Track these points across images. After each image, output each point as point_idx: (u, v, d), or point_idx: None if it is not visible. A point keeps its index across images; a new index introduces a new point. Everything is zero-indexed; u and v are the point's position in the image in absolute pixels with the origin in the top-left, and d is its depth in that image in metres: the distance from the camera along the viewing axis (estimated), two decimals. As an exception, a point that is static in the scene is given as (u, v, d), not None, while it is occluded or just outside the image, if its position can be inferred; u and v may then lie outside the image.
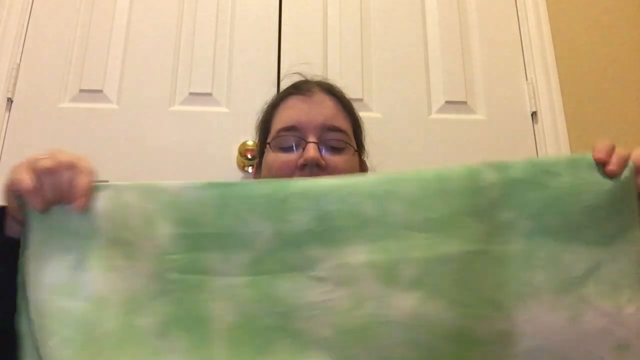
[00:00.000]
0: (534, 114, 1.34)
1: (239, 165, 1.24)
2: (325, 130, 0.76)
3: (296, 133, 0.76)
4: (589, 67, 1.38)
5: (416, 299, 0.48)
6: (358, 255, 0.49)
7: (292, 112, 0.80)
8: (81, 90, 1.30)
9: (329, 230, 0.50)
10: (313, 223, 0.50)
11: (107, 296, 0.47)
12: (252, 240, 0.50)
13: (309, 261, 0.49)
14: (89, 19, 1.36)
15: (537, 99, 1.34)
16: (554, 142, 1.30)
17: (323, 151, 0.75)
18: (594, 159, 0.54)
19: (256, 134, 0.89)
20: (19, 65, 1.31)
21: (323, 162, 0.73)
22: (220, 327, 0.48)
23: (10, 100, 1.28)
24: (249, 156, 1.20)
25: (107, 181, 1.31)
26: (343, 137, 0.77)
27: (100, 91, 1.30)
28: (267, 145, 0.81)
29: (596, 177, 0.53)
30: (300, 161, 0.73)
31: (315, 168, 0.72)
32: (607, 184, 0.53)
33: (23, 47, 1.32)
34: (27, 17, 1.35)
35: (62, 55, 1.32)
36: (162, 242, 0.49)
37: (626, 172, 0.53)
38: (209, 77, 1.33)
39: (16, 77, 1.29)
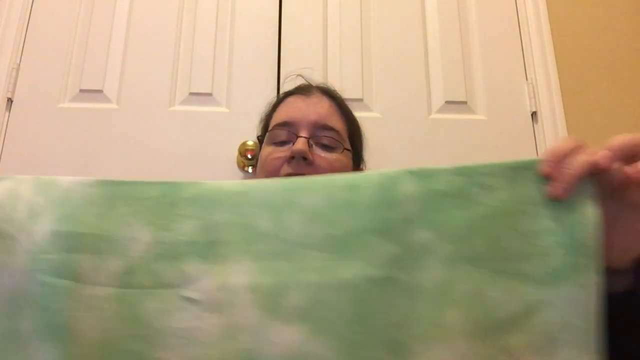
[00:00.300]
0: (534, 114, 1.34)
1: (239, 165, 1.24)
2: (319, 128, 0.77)
3: (289, 128, 0.77)
4: (589, 67, 1.38)
5: (299, 334, 0.41)
6: (241, 275, 0.42)
7: (288, 109, 0.81)
8: (81, 90, 1.30)
9: (214, 243, 0.44)
10: (198, 234, 0.44)
11: None
12: (128, 246, 0.44)
13: (184, 278, 0.43)
14: (89, 19, 1.36)
15: (537, 99, 1.34)
16: (554, 142, 1.30)
17: (313, 147, 0.75)
18: (541, 172, 0.42)
19: (257, 134, 0.90)
20: (19, 65, 1.31)
21: (310, 156, 0.73)
22: (85, 343, 0.43)
23: (10, 100, 1.28)
24: (249, 156, 1.20)
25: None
26: (335, 136, 0.78)
27: (100, 91, 1.30)
28: (262, 140, 0.82)
29: (541, 195, 0.42)
30: (288, 153, 0.74)
31: (302, 161, 0.73)
32: (555, 207, 0.42)
33: (23, 47, 1.33)
34: (27, 17, 1.35)
35: (62, 55, 1.32)
36: (40, 239, 0.45)
37: (582, 196, 0.41)
38: (209, 77, 1.33)
39: (16, 77, 1.30)
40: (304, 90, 0.84)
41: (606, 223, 0.41)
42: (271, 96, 0.91)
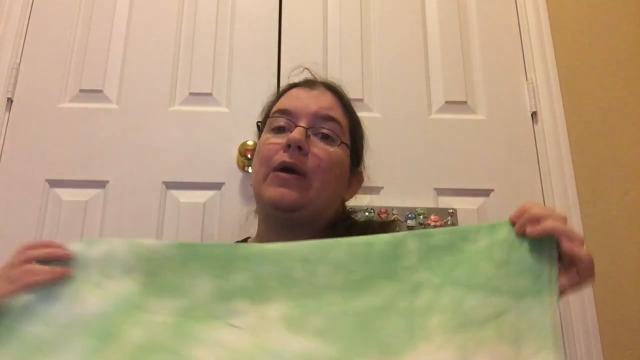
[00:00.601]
0: (534, 114, 1.34)
1: (238, 165, 1.24)
2: (319, 118, 0.77)
3: (289, 117, 0.77)
4: (589, 67, 1.38)
5: (313, 342, 0.53)
6: (276, 310, 0.55)
7: (290, 99, 0.80)
8: (81, 90, 1.30)
9: (260, 288, 0.57)
10: (248, 282, 0.57)
11: (68, 320, 0.55)
12: (192, 291, 0.57)
13: (232, 312, 0.56)
14: (89, 19, 1.36)
15: (537, 99, 1.34)
16: (554, 142, 1.30)
17: (311, 138, 0.75)
18: (510, 221, 0.57)
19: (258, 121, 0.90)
20: (19, 65, 1.31)
21: (306, 145, 0.73)
22: (123, 344, 0.53)
23: (10, 100, 1.28)
24: (249, 156, 1.20)
25: (107, 181, 1.31)
26: (335, 128, 0.77)
27: (100, 91, 1.30)
28: (261, 127, 0.82)
29: (512, 237, 0.56)
30: (284, 141, 0.73)
31: (297, 150, 0.72)
32: (522, 244, 0.55)
33: (23, 47, 1.33)
34: (27, 17, 1.35)
35: (62, 55, 1.32)
36: (126, 285, 0.58)
37: (547, 247, 0.54)
38: (209, 77, 1.33)
39: (16, 77, 1.30)
40: (308, 83, 0.83)
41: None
42: (274, 91, 0.91)
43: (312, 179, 0.73)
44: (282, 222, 0.75)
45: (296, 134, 0.73)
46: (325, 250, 0.58)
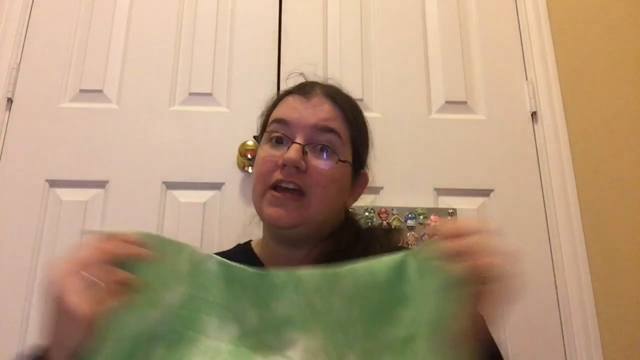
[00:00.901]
0: (534, 114, 1.34)
1: (239, 166, 1.24)
2: (317, 131, 0.74)
3: (285, 129, 0.75)
4: (589, 67, 1.38)
5: None
6: (316, 341, 0.58)
7: (286, 109, 0.78)
8: (81, 90, 1.30)
9: (297, 318, 0.59)
10: (288, 311, 0.59)
11: (123, 330, 0.55)
12: (243, 317, 0.60)
13: (284, 343, 0.58)
14: (89, 19, 1.36)
15: (537, 99, 1.34)
16: (554, 142, 1.30)
17: (309, 153, 0.73)
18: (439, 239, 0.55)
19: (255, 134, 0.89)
20: (19, 65, 1.31)
21: (303, 164, 0.71)
22: None
23: (10, 100, 1.28)
24: (249, 156, 1.20)
25: (107, 181, 1.31)
26: (334, 140, 0.75)
27: (100, 91, 1.30)
28: (258, 138, 0.81)
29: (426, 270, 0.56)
30: (281, 161, 0.72)
31: (293, 170, 0.71)
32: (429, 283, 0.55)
33: (23, 47, 1.33)
34: (27, 17, 1.35)
35: (62, 55, 1.32)
36: (179, 297, 0.58)
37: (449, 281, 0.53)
38: (209, 77, 1.33)
39: (16, 77, 1.30)
40: (305, 90, 0.80)
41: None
42: (271, 96, 0.90)
43: (310, 196, 0.72)
44: (283, 235, 0.75)
45: (292, 153, 0.71)
46: (331, 281, 0.59)
